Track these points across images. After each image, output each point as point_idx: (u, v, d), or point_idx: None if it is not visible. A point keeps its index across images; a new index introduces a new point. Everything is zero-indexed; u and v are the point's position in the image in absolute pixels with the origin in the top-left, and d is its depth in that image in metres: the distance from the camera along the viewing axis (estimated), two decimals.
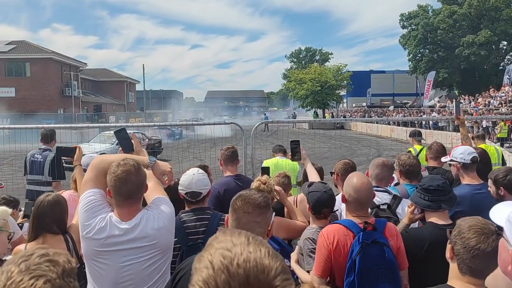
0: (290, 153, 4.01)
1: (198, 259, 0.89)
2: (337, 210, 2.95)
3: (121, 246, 2.17)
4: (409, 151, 6.51)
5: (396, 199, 3.21)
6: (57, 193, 3.22)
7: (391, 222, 2.86)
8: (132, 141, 2.70)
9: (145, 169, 2.39)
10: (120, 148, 2.76)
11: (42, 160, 5.82)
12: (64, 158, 4.07)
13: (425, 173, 3.93)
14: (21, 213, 4.21)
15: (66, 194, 3.62)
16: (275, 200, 3.39)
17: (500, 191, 3.10)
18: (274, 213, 3.31)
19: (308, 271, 2.63)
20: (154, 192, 2.42)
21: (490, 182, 3.20)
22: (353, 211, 2.54)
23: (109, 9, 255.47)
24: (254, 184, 3.20)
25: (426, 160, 4.21)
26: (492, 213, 1.34)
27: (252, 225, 1.87)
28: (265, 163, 5.24)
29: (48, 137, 5.95)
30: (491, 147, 7.19)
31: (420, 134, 7.72)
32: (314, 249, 2.58)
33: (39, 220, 2.85)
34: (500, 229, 1.25)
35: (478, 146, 6.70)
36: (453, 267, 1.88)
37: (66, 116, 40.39)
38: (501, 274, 1.84)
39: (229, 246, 0.88)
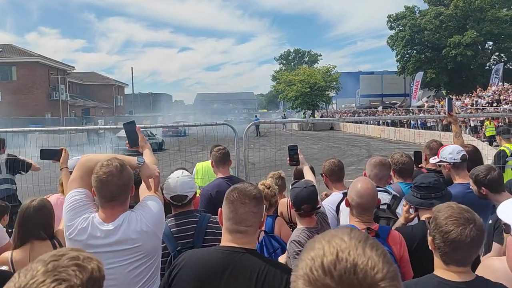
0: (288, 158, 3.95)
1: (308, 247, 0.86)
2: (319, 206, 2.89)
3: (102, 248, 2.11)
4: (503, 150, 6.33)
5: (396, 199, 3.18)
6: (42, 198, 3.12)
7: (391, 222, 2.82)
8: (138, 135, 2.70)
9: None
10: (127, 142, 2.75)
11: None
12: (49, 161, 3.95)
13: None
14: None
15: (53, 197, 3.53)
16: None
17: (482, 191, 3.07)
18: (277, 215, 3.34)
19: None
20: (146, 191, 2.36)
21: (471, 181, 3.15)
22: (356, 216, 2.51)
23: (96, 12, 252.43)
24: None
25: (426, 160, 4.11)
26: (500, 211, 1.31)
27: (250, 215, 1.91)
28: (197, 166, 5.30)
29: None
30: None
31: (508, 131, 7.10)
32: (300, 251, 2.52)
33: (24, 226, 2.77)
34: (508, 227, 1.21)
35: (505, 145, 6.50)
36: (437, 257, 1.88)
37: (53, 120, 39.88)
38: (502, 268, 1.83)
39: (344, 240, 0.84)
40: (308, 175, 3.61)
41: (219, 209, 2.02)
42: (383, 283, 0.77)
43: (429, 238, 1.89)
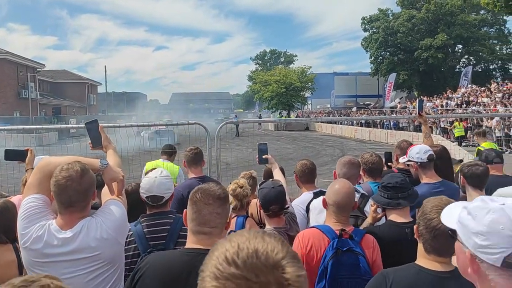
0: (257, 156, 3.94)
1: (212, 250, 0.90)
2: (288, 206, 2.90)
3: (59, 257, 2.00)
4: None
5: (364, 198, 3.21)
6: (5, 200, 2.99)
7: (359, 220, 2.83)
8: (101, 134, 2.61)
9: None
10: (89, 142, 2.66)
11: None
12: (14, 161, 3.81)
13: None
14: None
15: (15, 198, 3.38)
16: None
17: (461, 180, 3.25)
18: (247, 216, 3.31)
19: None
20: (109, 195, 2.26)
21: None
22: (332, 216, 2.51)
23: (68, 8, 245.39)
24: (230, 187, 3.14)
25: (396, 160, 4.16)
26: (443, 217, 1.32)
27: (214, 216, 1.87)
28: (147, 165, 5.27)
29: None
30: (492, 144, 7.35)
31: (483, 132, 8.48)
32: None
33: None
34: (453, 232, 1.22)
35: (481, 144, 6.99)
36: (420, 246, 1.92)
37: (22, 119, 38.67)
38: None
39: (244, 235, 0.89)
40: (277, 175, 3.61)
41: (184, 210, 1.97)
42: (285, 260, 0.82)
43: (415, 226, 1.94)
